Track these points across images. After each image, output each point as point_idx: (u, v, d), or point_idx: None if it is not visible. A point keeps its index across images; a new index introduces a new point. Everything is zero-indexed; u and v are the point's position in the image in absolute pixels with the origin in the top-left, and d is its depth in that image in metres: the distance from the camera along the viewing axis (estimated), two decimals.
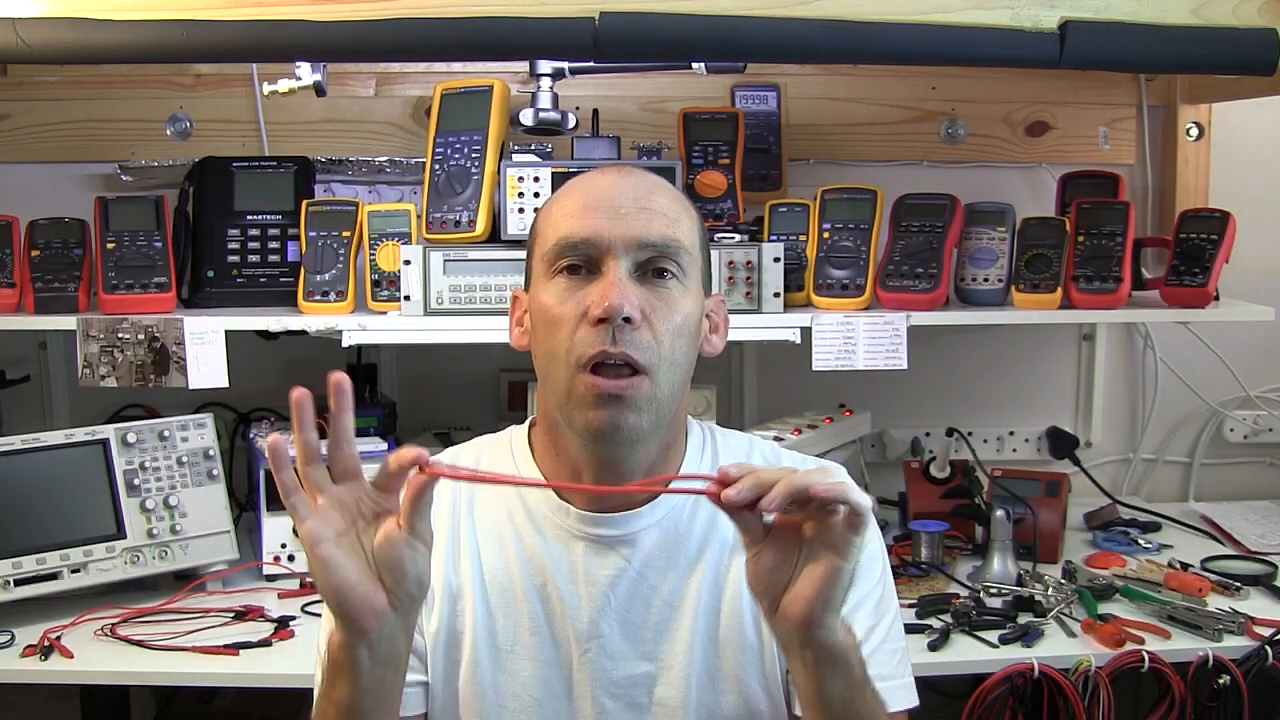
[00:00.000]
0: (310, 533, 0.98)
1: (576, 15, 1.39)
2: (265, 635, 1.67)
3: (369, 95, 2.24)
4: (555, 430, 1.22)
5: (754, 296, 1.87)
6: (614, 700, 1.21)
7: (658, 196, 1.18)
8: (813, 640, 1.01)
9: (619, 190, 1.17)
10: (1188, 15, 1.47)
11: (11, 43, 1.41)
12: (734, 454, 1.29)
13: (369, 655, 1.01)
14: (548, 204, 1.23)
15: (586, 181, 1.21)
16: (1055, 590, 1.81)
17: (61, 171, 2.21)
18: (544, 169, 1.85)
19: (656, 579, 1.21)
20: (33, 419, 2.18)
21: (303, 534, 0.98)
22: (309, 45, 1.47)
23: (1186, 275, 1.96)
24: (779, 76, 2.24)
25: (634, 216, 1.15)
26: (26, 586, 1.71)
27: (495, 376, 2.29)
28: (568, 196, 1.20)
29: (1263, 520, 2.21)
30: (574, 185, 1.21)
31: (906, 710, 1.22)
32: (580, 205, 1.17)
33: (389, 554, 0.99)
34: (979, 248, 1.97)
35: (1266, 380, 2.41)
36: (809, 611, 0.99)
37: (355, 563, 0.99)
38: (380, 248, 1.91)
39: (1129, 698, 1.75)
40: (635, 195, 1.17)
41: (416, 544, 1.00)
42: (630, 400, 1.12)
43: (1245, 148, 2.36)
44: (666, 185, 1.21)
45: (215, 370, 1.82)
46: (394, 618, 1.01)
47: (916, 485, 2.15)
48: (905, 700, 1.22)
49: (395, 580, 0.99)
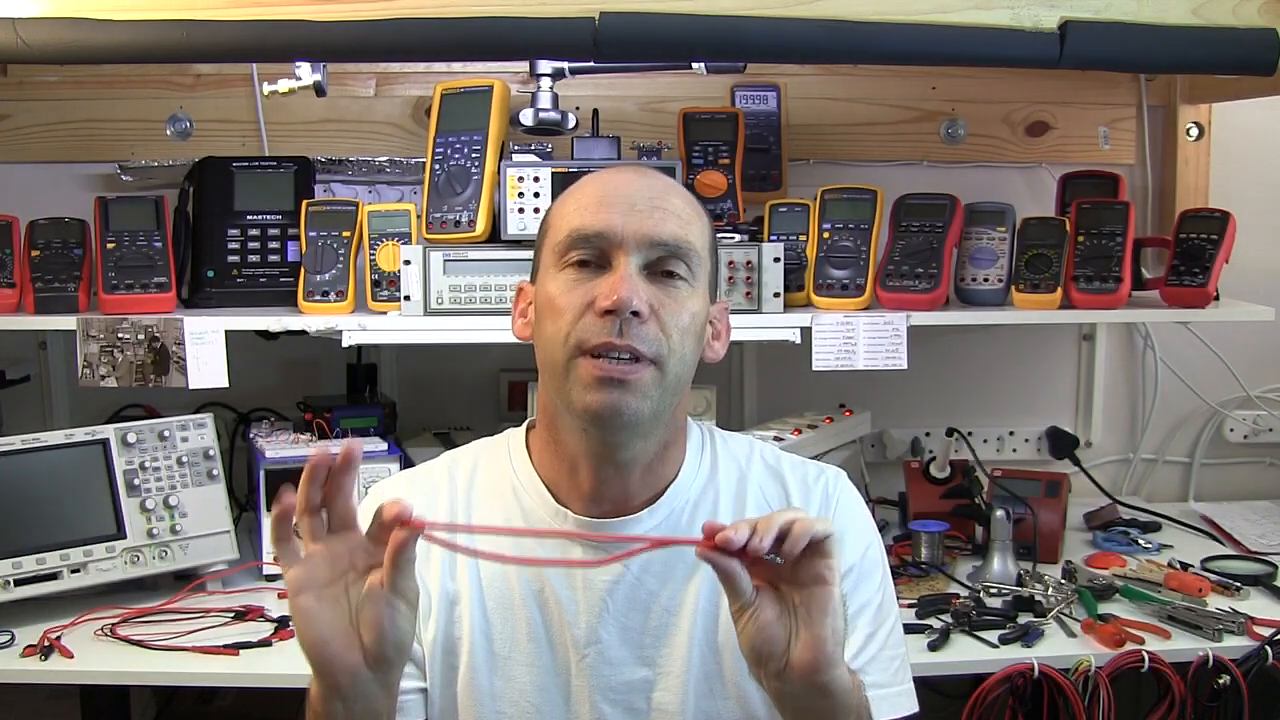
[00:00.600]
0: (294, 580, 0.96)
1: (576, 15, 1.39)
2: (265, 635, 1.67)
3: (369, 95, 2.24)
4: (554, 424, 1.21)
5: (754, 296, 1.87)
6: (612, 706, 1.20)
7: (672, 198, 1.18)
8: (828, 687, 1.01)
9: (635, 188, 1.17)
10: (1188, 15, 1.47)
11: (11, 43, 1.41)
12: (734, 456, 1.28)
13: (344, 709, 1.00)
14: (562, 197, 1.23)
15: (602, 177, 1.21)
16: (1055, 590, 1.81)
17: (61, 171, 2.21)
18: (544, 169, 1.85)
19: (655, 585, 1.21)
20: (33, 419, 2.18)
21: (287, 580, 0.97)
22: (309, 45, 1.46)
23: (1186, 275, 1.96)
24: (779, 76, 2.24)
25: (648, 215, 1.15)
26: (26, 586, 1.71)
27: (495, 376, 2.29)
28: (583, 190, 1.20)
29: (1263, 520, 2.21)
30: (589, 180, 1.22)
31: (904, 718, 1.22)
32: (595, 200, 1.17)
33: (369, 612, 0.97)
34: (979, 248, 1.97)
35: (1266, 380, 2.41)
36: (820, 655, 0.99)
37: (335, 616, 0.97)
38: (380, 248, 1.91)
39: (1129, 698, 1.75)
40: (650, 195, 1.17)
41: (398, 603, 0.97)
42: (633, 384, 1.11)
43: (1245, 148, 2.36)
44: (681, 188, 1.22)
45: (215, 370, 1.82)
46: (369, 677, 0.99)
47: (916, 485, 2.15)
48: (902, 707, 1.22)
49: (374, 640, 0.98)
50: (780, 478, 1.27)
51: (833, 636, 0.99)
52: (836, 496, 1.27)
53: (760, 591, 1.00)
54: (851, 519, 1.26)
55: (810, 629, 0.99)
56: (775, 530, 0.96)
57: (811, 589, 0.99)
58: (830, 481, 1.28)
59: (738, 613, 1.01)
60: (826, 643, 0.99)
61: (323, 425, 1.98)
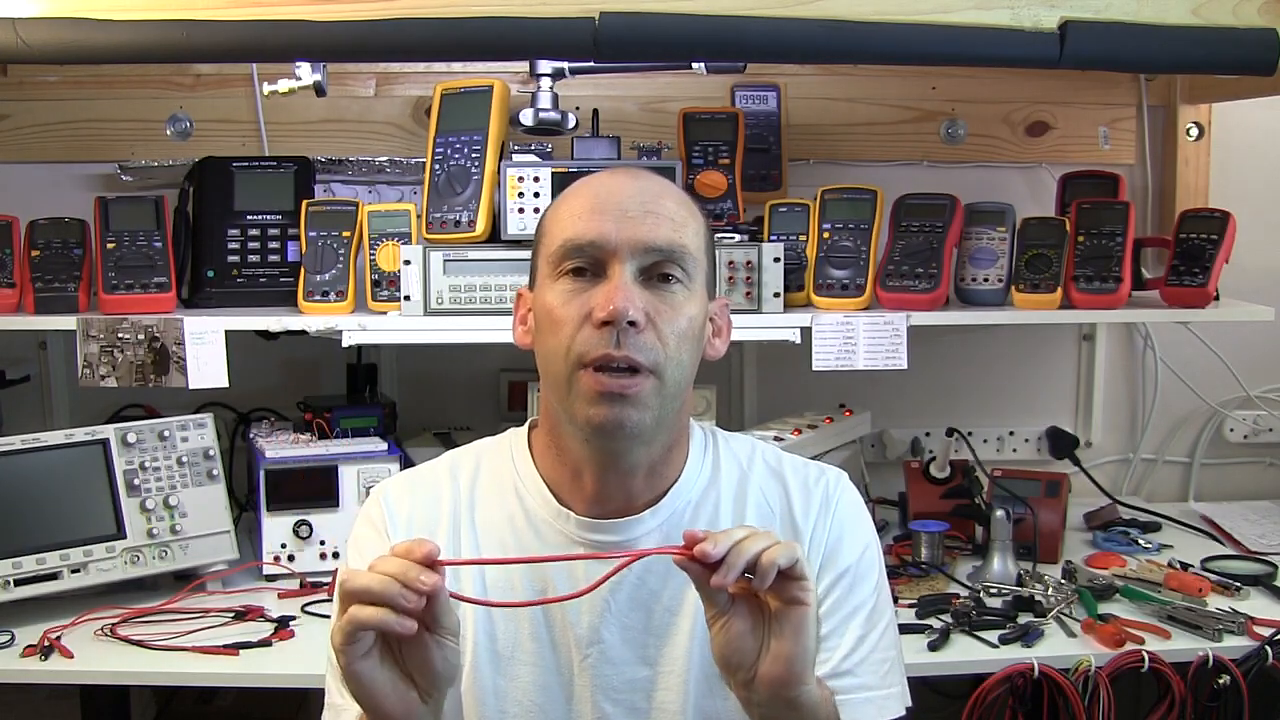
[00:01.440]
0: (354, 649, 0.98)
1: (576, 15, 1.39)
2: (265, 635, 1.67)
3: (369, 95, 2.24)
4: (556, 429, 1.21)
5: (754, 296, 1.87)
6: (614, 705, 1.21)
7: (665, 200, 1.17)
8: (795, 701, 1.03)
9: (626, 193, 1.17)
10: (1188, 15, 1.47)
11: (11, 43, 1.41)
12: (736, 457, 1.28)
13: None
14: (555, 203, 1.22)
15: (594, 183, 1.20)
16: (1055, 590, 1.81)
17: (61, 171, 2.21)
18: (544, 169, 1.85)
19: (657, 584, 1.21)
20: (33, 419, 2.18)
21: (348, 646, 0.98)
22: (309, 45, 1.46)
23: (1186, 275, 1.96)
24: (779, 76, 2.24)
25: (641, 220, 1.14)
26: (26, 586, 1.71)
27: (495, 376, 2.29)
28: (575, 197, 1.19)
29: (1263, 520, 2.21)
30: (581, 186, 1.21)
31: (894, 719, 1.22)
32: (587, 207, 1.16)
33: (418, 658, 1.01)
34: (979, 248, 1.97)
35: (1266, 380, 2.41)
36: (789, 670, 1.01)
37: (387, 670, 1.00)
38: (380, 248, 1.91)
39: (1129, 698, 1.75)
40: (642, 199, 1.16)
41: (444, 641, 1.02)
42: (634, 398, 1.12)
43: (1245, 148, 2.36)
44: (674, 189, 1.21)
45: (215, 370, 1.82)
46: (425, 709, 1.03)
47: (916, 485, 2.15)
48: (891, 710, 1.22)
49: (428, 681, 1.02)
50: (781, 478, 1.27)
51: (803, 655, 1.01)
52: (837, 498, 1.27)
53: (737, 600, 1.02)
54: (851, 520, 1.26)
55: (781, 644, 1.01)
56: (743, 563, 0.98)
57: (786, 608, 1.01)
58: (831, 483, 1.28)
59: (712, 619, 1.03)
60: (795, 661, 1.01)
61: (323, 425, 1.98)
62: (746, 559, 0.98)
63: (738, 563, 0.98)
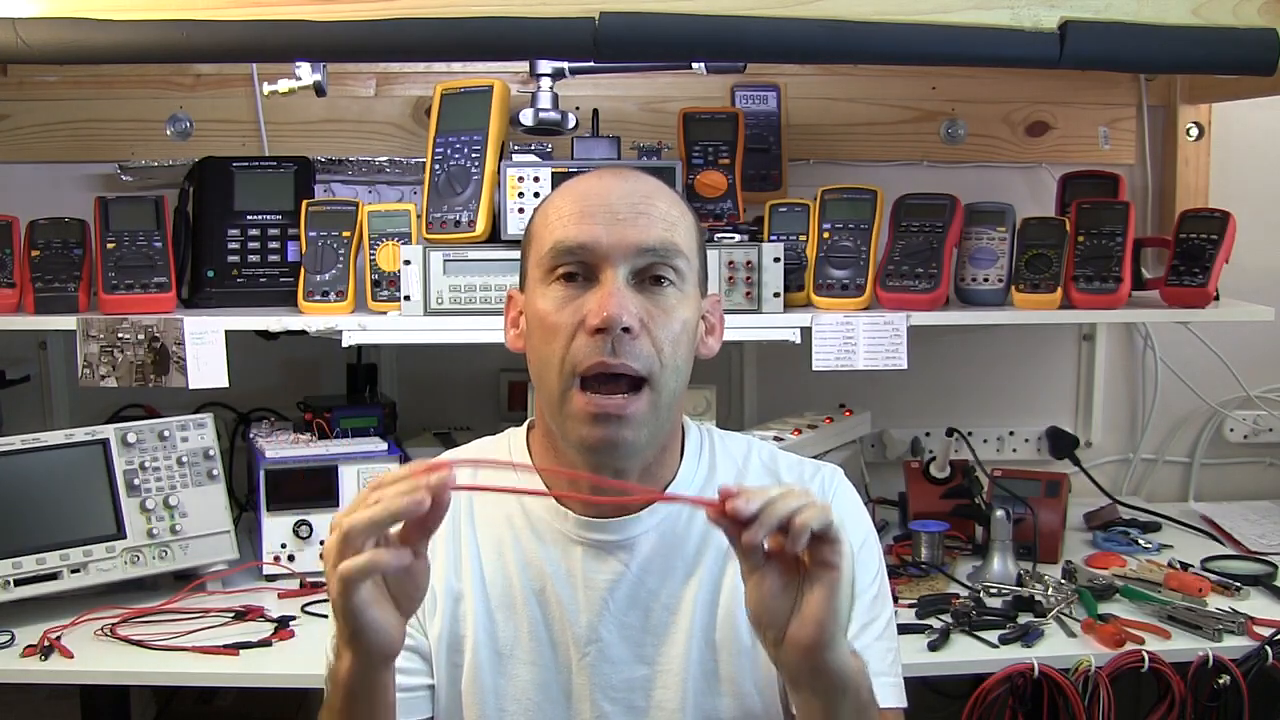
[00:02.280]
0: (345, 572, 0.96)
1: (576, 15, 1.39)
2: (265, 635, 1.67)
3: (369, 95, 2.24)
4: (552, 435, 1.21)
5: (754, 296, 1.87)
6: (612, 704, 1.21)
7: (655, 201, 1.17)
8: (824, 667, 1.00)
9: (616, 195, 1.16)
10: (1188, 15, 1.47)
11: (11, 43, 1.41)
12: (732, 456, 1.28)
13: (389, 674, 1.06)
14: (543, 205, 1.22)
15: (582, 184, 1.19)
16: (1055, 590, 1.81)
17: (61, 171, 2.21)
18: (544, 169, 1.85)
19: (655, 584, 1.21)
20: (33, 419, 2.18)
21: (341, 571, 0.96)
22: (309, 45, 1.47)
23: (1186, 275, 1.96)
24: (779, 76, 2.24)
25: (631, 222, 1.14)
26: (26, 586, 1.71)
27: (495, 376, 2.29)
28: (563, 199, 1.18)
29: (1263, 520, 2.21)
30: (569, 188, 1.20)
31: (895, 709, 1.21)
32: (577, 210, 1.15)
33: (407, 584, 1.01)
34: (979, 248, 1.97)
35: (1266, 380, 2.41)
36: (819, 634, 0.98)
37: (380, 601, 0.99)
38: (380, 248, 1.91)
39: (1129, 698, 1.75)
40: (632, 200, 1.15)
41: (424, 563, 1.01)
42: (629, 418, 1.12)
43: (1245, 148, 2.36)
44: (663, 188, 1.20)
45: (215, 370, 1.82)
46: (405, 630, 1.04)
47: (916, 485, 2.15)
48: (894, 699, 1.21)
49: (410, 601, 1.02)
50: (777, 477, 1.27)
51: (833, 619, 0.98)
52: (832, 493, 1.27)
53: (772, 558, 0.99)
54: (848, 514, 1.26)
55: (811, 606, 0.98)
56: (774, 522, 0.96)
57: (819, 569, 0.98)
58: (826, 478, 1.28)
59: (747, 574, 1.01)
60: (825, 624, 0.98)
61: (323, 425, 1.98)
62: (779, 518, 0.96)
63: (769, 522, 0.95)
